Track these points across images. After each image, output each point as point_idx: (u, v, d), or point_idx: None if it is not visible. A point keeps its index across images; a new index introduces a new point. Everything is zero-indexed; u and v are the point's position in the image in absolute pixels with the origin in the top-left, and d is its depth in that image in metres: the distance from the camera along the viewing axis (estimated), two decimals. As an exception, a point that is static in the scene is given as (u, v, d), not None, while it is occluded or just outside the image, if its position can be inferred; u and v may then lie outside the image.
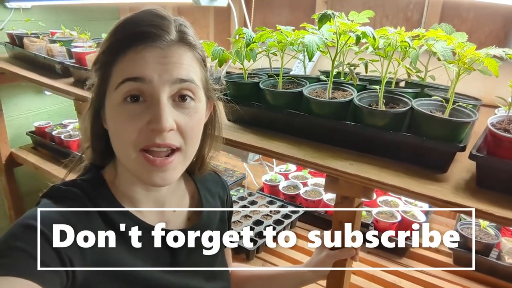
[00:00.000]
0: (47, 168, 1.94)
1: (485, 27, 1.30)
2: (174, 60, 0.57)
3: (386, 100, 0.84)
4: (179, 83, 0.57)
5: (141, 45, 0.56)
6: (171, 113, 0.57)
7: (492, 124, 0.69)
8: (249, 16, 1.43)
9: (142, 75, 0.55)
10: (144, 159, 0.57)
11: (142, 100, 0.57)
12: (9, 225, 2.28)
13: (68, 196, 0.59)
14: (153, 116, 0.56)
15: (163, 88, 0.56)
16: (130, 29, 0.58)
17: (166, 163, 0.58)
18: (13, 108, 2.18)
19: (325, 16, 0.72)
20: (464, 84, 0.83)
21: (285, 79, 0.98)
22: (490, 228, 1.29)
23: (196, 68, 0.61)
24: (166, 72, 0.56)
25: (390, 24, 1.47)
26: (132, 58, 0.56)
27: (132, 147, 0.57)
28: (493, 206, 0.65)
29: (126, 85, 0.56)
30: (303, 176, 1.74)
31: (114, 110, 0.58)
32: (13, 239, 0.51)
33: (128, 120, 0.56)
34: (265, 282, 0.91)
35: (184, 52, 0.59)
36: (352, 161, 0.81)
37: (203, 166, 0.76)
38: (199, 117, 0.62)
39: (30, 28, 1.93)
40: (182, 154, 0.60)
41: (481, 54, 0.67)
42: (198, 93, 0.61)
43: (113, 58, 0.58)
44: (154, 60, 0.56)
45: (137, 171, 0.59)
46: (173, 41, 0.58)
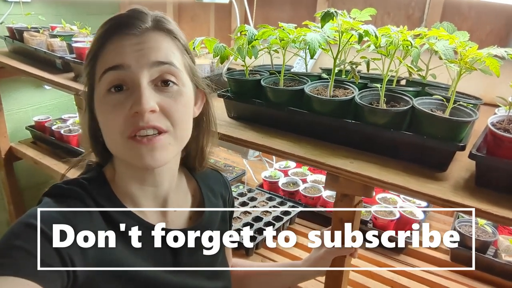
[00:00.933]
0: (46, 162, 1.94)
1: (486, 25, 1.30)
2: (151, 45, 0.58)
3: (387, 99, 0.85)
4: (158, 65, 0.58)
5: (117, 35, 0.58)
6: (153, 96, 0.57)
7: (492, 123, 0.69)
8: (251, 13, 1.42)
9: (120, 62, 0.57)
10: (132, 142, 0.57)
11: (126, 89, 0.58)
12: (8, 219, 2.30)
13: (70, 195, 0.59)
14: (134, 100, 0.56)
15: (142, 72, 0.57)
16: (108, 23, 0.60)
17: (154, 140, 0.57)
18: (13, 102, 2.17)
19: (328, 14, 0.72)
20: (465, 83, 0.83)
21: (287, 77, 0.98)
22: (488, 226, 1.29)
23: (176, 53, 0.62)
24: (143, 56, 0.57)
25: (391, 22, 1.47)
26: (111, 48, 0.58)
27: (119, 136, 0.57)
28: (492, 205, 0.65)
29: (107, 75, 0.57)
30: (302, 173, 1.75)
31: (100, 102, 0.59)
32: (13, 238, 0.51)
33: (112, 110, 0.57)
34: (264, 278, 0.92)
35: (161, 37, 0.60)
36: (353, 159, 0.82)
37: (203, 160, 0.76)
38: (185, 100, 0.61)
39: (30, 22, 1.92)
40: (171, 135, 0.60)
41: (483, 53, 0.67)
42: (181, 77, 0.61)
43: (96, 54, 0.60)
44: (131, 47, 0.57)
45: (128, 157, 0.59)
46: (148, 28, 0.59)
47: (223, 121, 1.03)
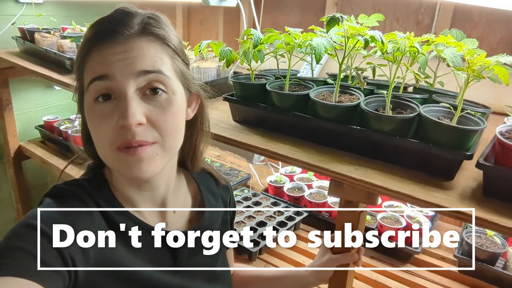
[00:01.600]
0: (54, 162, 1.96)
1: (496, 32, 1.28)
2: (135, 54, 0.56)
3: (393, 105, 0.83)
4: (144, 75, 0.56)
5: (100, 43, 0.56)
6: (140, 107, 0.56)
7: (500, 133, 0.68)
8: (258, 17, 1.42)
9: (105, 72, 0.56)
10: (121, 153, 0.56)
11: (113, 98, 0.57)
12: (16, 218, 2.32)
13: (71, 196, 0.59)
14: (120, 112, 0.55)
15: (127, 83, 0.55)
16: (93, 29, 0.59)
17: (140, 150, 0.56)
18: (23, 102, 2.20)
19: (334, 19, 0.71)
20: (474, 91, 0.81)
21: (292, 81, 0.98)
22: (497, 237, 1.27)
23: (164, 59, 0.59)
24: (127, 66, 0.56)
25: (400, 28, 1.46)
26: (96, 58, 0.57)
27: (108, 146, 0.57)
28: (498, 216, 0.64)
29: (94, 85, 0.56)
30: (308, 178, 1.74)
31: (88, 111, 0.59)
32: (14, 239, 0.51)
33: (100, 120, 0.57)
34: (267, 284, 0.91)
35: (147, 44, 0.58)
36: (357, 165, 0.80)
37: (196, 159, 0.75)
38: (174, 109, 0.60)
39: (41, 23, 1.94)
40: (159, 145, 0.58)
41: (491, 61, 0.66)
42: (170, 84, 0.59)
43: (83, 60, 0.59)
44: (114, 56, 0.56)
45: (117, 167, 0.59)
46: (133, 34, 0.57)
47: (228, 125, 1.03)
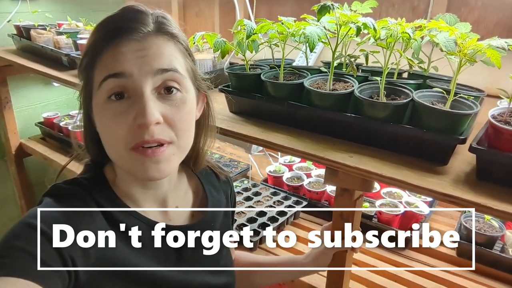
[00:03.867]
0: (55, 158, 1.98)
1: (493, 16, 1.27)
2: (153, 51, 0.56)
3: (388, 92, 0.84)
4: (161, 73, 0.56)
5: (117, 40, 0.55)
6: (157, 106, 0.56)
7: (493, 116, 0.68)
8: (252, 7, 1.42)
9: (122, 70, 0.54)
10: (136, 153, 0.56)
11: (127, 97, 0.56)
12: (20, 214, 2.34)
13: (70, 195, 0.59)
14: (138, 111, 0.54)
15: (145, 81, 0.55)
16: (106, 26, 0.58)
17: (158, 152, 0.56)
18: (22, 99, 2.20)
19: (324, 7, 0.71)
20: (470, 75, 0.81)
21: (287, 71, 0.98)
22: (494, 221, 1.27)
23: (179, 58, 0.60)
24: (145, 64, 0.55)
25: (396, 14, 1.45)
26: (111, 54, 0.55)
27: (122, 146, 0.56)
28: (492, 199, 0.64)
29: (108, 82, 0.55)
30: (307, 167, 1.74)
31: (99, 110, 0.57)
32: (14, 238, 0.50)
33: (114, 119, 0.55)
34: (267, 272, 0.92)
35: (163, 42, 0.58)
36: (352, 153, 0.81)
37: (199, 159, 0.75)
38: (188, 108, 0.60)
39: (37, 19, 1.94)
40: (175, 146, 0.59)
41: (483, 45, 0.66)
42: (185, 83, 0.59)
43: (94, 58, 0.57)
44: (132, 54, 0.55)
45: (131, 168, 0.58)
46: (150, 32, 0.57)
47: (225, 116, 1.03)
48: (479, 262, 1.22)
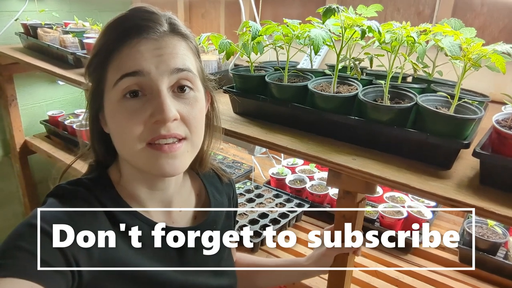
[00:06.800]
0: (59, 156, 1.99)
1: (499, 21, 1.27)
2: (169, 51, 0.57)
3: (392, 95, 0.84)
4: (177, 73, 0.57)
5: (135, 39, 0.56)
6: (173, 104, 0.57)
7: (497, 121, 0.68)
8: (257, 9, 1.42)
9: (140, 68, 0.55)
10: (151, 149, 0.57)
11: (142, 95, 0.57)
12: (23, 211, 2.35)
13: (74, 195, 0.59)
14: (155, 107, 0.55)
15: (162, 79, 0.56)
16: (122, 25, 0.58)
17: (174, 147, 0.57)
18: (27, 97, 2.22)
19: (329, 10, 0.71)
20: (474, 80, 0.81)
21: (291, 73, 0.98)
22: (498, 227, 1.27)
23: (191, 58, 0.61)
24: (163, 63, 0.56)
25: (402, 18, 1.45)
26: (127, 53, 0.56)
27: (138, 141, 0.56)
28: (495, 204, 0.64)
29: (125, 81, 0.55)
30: (309, 170, 1.74)
31: (114, 108, 0.58)
32: (17, 239, 0.50)
33: (130, 116, 0.56)
34: (268, 272, 0.92)
35: (178, 42, 0.59)
36: (356, 156, 0.81)
37: (204, 162, 0.76)
38: (200, 106, 0.62)
39: (44, 18, 1.96)
40: (189, 142, 0.60)
41: (488, 50, 0.66)
42: (196, 83, 0.61)
43: (107, 58, 0.57)
44: (150, 52, 0.56)
45: (145, 164, 0.58)
46: (166, 32, 0.58)
47: (229, 117, 1.04)
48: (481, 268, 1.22)
